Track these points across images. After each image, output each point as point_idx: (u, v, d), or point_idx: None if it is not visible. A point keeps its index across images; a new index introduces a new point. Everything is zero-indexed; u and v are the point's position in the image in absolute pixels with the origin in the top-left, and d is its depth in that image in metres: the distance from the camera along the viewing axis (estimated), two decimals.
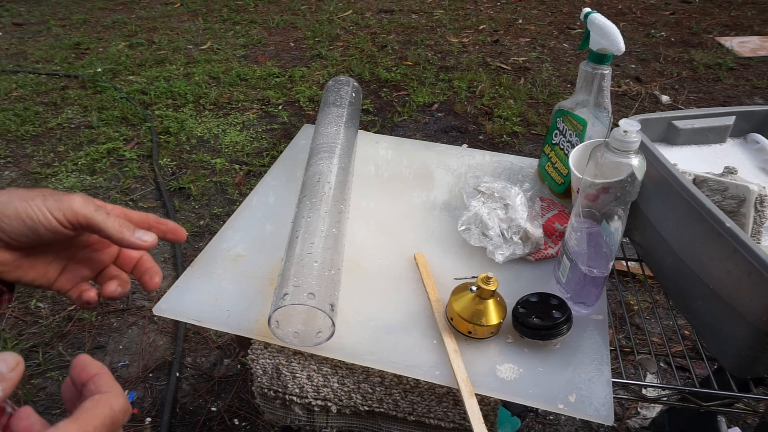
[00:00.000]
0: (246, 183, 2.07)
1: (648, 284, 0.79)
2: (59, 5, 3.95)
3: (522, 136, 2.34)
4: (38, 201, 0.39)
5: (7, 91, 2.68)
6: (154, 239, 0.43)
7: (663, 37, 3.33)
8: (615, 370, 0.63)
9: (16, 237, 0.39)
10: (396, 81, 2.81)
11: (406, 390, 0.60)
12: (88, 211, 0.40)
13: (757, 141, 0.79)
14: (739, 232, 0.53)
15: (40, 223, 0.39)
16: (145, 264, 0.47)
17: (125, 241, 0.42)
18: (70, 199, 0.40)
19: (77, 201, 0.40)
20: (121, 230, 0.41)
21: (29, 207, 0.39)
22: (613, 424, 0.56)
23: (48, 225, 0.39)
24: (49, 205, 0.39)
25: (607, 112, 0.76)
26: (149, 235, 0.43)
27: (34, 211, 0.39)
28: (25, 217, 0.38)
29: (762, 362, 0.56)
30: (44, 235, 0.39)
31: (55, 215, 0.39)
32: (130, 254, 0.48)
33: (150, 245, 0.43)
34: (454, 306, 0.61)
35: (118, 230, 0.41)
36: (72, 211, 0.39)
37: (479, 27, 3.53)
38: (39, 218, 0.39)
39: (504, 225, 0.73)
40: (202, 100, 2.63)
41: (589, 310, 0.66)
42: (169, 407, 1.28)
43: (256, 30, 3.49)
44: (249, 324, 0.64)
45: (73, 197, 0.40)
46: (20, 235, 0.39)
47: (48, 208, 0.39)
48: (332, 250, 0.64)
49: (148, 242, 0.43)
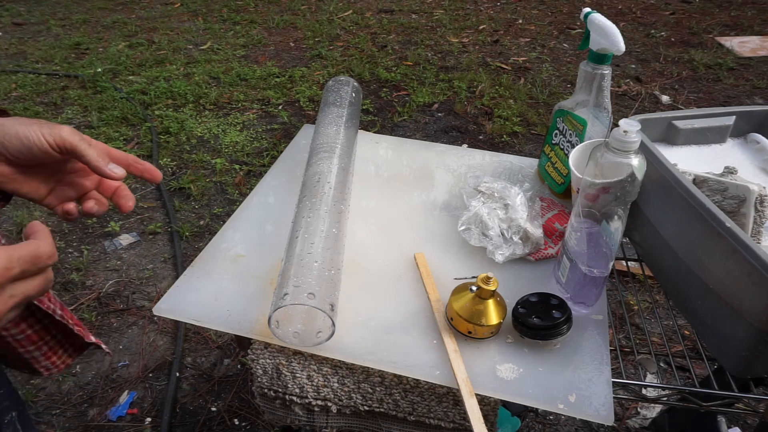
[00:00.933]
0: (246, 183, 2.07)
1: (648, 284, 0.79)
2: (59, 5, 3.95)
3: (522, 136, 2.34)
4: (35, 127, 0.47)
5: (7, 91, 2.68)
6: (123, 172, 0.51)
7: (663, 37, 3.33)
8: (615, 370, 0.63)
9: (15, 154, 0.47)
10: (396, 81, 2.81)
11: (406, 390, 0.60)
12: (74, 140, 0.48)
13: (757, 141, 0.79)
14: (739, 232, 0.53)
15: (35, 144, 0.46)
16: (122, 191, 0.56)
17: (99, 169, 0.49)
18: (60, 128, 0.48)
19: (66, 130, 0.48)
20: (97, 159, 0.49)
21: (27, 130, 0.46)
22: (613, 424, 0.56)
23: (41, 146, 0.47)
24: (43, 131, 0.47)
25: (607, 112, 0.76)
26: (119, 169, 0.51)
27: (31, 133, 0.46)
28: (23, 138, 0.46)
29: (762, 362, 0.56)
30: (37, 154, 0.47)
31: (47, 139, 0.47)
32: (109, 183, 0.56)
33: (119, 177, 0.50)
34: (454, 306, 0.61)
35: (95, 158, 0.49)
36: (60, 137, 0.47)
37: (479, 27, 3.53)
38: (34, 140, 0.46)
39: (504, 225, 0.73)
40: (202, 100, 2.63)
41: (589, 310, 0.66)
42: (169, 407, 1.28)
43: (256, 30, 3.49)
44: (249, 324, 0.64)
45: (63, 127, 0.48)
46: (18, 152, 0.47)
47: (42, 132, 0.47)
48: (332, 250, 0.64)
49: (118, 174, 0.50)
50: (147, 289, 1.63)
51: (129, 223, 1.89)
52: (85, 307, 1.56)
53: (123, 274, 1.68)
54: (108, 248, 1.78)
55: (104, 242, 1.80)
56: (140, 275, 1.68)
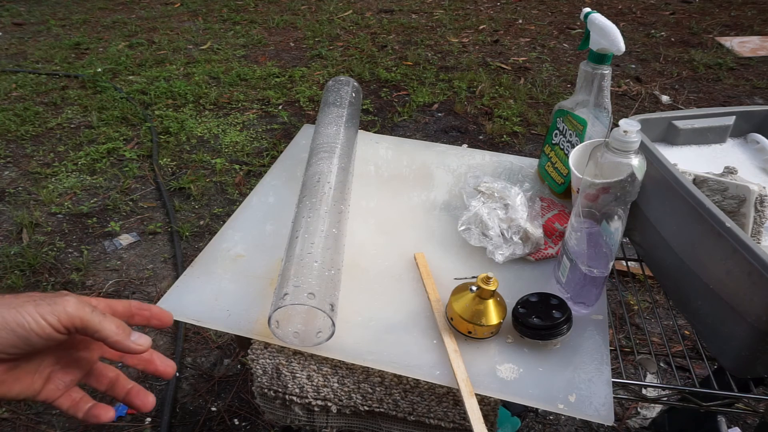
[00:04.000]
0: (246, 183, 2.07)
1: (648, 284, 0.79)
2: (59, 5, 3.95)
3: (522, 136, 2.34)
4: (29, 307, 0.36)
5: (7, 91, 2.68)
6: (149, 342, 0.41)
7: (663, 37, 3.33)
8: (615, 370, 0.63)
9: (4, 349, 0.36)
10: (396, 81, 2.81)
11: (406, 390, 0.60)
12: (84, 313, 0.37)
13: (757, 141, 0.79)
14: (739, 232, 0.53)
15: (33, 331, 0.36)
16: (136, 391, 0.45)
17: (121, 344, 0.39)
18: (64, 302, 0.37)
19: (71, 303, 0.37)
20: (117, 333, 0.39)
21: (20, 315, 0.35)
22: (613, 424, 0.55)
23: (41, 332, 0.36)
24: (41, 311, 0.36)
25: (607, 112, 0.76)
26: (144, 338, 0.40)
27: (26, 319, 0.35)
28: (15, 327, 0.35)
29: (762, 362, 0.56)
30: (36, 343, 0.36)
31: (49, 320, 0.36)
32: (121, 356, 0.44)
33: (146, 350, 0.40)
34: (454, 306, 0.61)
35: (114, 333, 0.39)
36: (67, 314, 0.37)
37: (479, 27, 3.53)
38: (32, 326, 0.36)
39: (504, 225, 0.73)
40: (202, 100, 2.63)
41: (589, 310, 0.66)
42: (169, 407, 1.28)
43: (256, 30, 3.49)
44: (249, 324, 0.64)
45: (66, 299, 0.37)
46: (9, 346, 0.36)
47: (41, 313, 0.36)
48: (332, 250, 0.64)
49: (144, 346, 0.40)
50: (147, 289, 1.63)
51: (129, 223, 1.89)
52: None
53: (123, 274, 1.68)
54: (108, 248, 1.78)
55: (104, 242, 1.80)
56: (140, 275, 1.68)
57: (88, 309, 0.38)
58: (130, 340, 0.39)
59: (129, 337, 0.39)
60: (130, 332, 0.40)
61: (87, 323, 0.37)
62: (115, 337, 0.39)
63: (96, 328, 0.38)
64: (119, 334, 0.39)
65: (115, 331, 0.39)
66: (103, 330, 0.38)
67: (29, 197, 1.98)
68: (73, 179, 2.08)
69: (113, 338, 0.39)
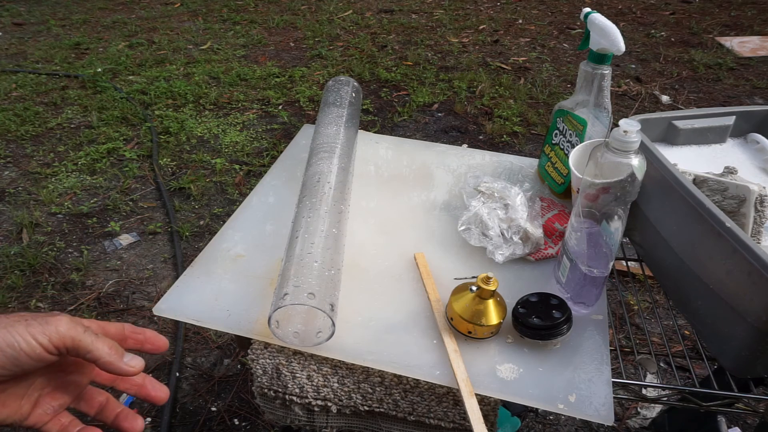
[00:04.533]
0: (246, 183, 2.07)
1: (648, 284, 0.79)
2: (59, 5, 3.95)
3: (522, 136, 2.34)
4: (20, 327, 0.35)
5: (7, 91, 2.68)
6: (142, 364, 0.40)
7: (663, 37, 3.33)
8: (615, 370, 0.63)
9: None
10: (396, 81, 2.81)
11: (406, 390, 0.60)
12: (76, 333, 0.36)
13: (757, 141, 0.79)
14: (739, 232, 0.53)
15: (23, 352, 0.34)
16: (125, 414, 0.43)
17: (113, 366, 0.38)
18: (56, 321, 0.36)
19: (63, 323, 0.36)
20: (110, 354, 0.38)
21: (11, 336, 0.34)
22: (613, 424, 0.56)
23: (32, 353, 0.35)
24: (32, 331, 0.35)
25: (607, 112, 0.76)
26: (137, 360, 0.39)
27: (16, 339, 0.34)
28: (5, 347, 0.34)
29: (762, 362, 0.56)
30: (26, 364, 0.35)
31: (40, 341, 0.35)
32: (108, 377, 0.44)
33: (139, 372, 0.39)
34: (454, 306, 0.61)
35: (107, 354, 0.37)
36: (58, 334, 0.35)
37: (479, 27, 3.53)
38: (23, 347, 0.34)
39: (504, 225, 0.73)
40: (202, 100, 2.63)
41: (589, 310, 0.66)
42: (169, 407, 1.28)
43: (256, 30, 3.49)
44: (249, 324, 0.64)
45: (58, 319, 0.36)
46: None
47: (32, 333, 0.35)
48: (332, 250, 0.64)
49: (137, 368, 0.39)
50: (147, 289, 1.63)
51: (129, 223, 1.89)
52: (85, 308, 1.56)
53: (123, 274, 1.68)
54: (108, 248, 1.78)
55: (104, 242, 1.80)
56: (140, 275, 1.68)
57: (81, 329, 0.37)
58: (123, 362, 0.38)
59: (122, 359, 0.38)
60: (123, 353, 0.39)
61: (79, 343, 0.36)
62: (107, 357, 0.37)
63: (88, 349, 0.37)
64: (112, 355, 0.38)
65: (108, 352, 0.37)
66: (96, 350, 0.37)
67: (29, 197, 1.98)
68: (73, 179, 2.08)
69: (105, 359, 0.37)
